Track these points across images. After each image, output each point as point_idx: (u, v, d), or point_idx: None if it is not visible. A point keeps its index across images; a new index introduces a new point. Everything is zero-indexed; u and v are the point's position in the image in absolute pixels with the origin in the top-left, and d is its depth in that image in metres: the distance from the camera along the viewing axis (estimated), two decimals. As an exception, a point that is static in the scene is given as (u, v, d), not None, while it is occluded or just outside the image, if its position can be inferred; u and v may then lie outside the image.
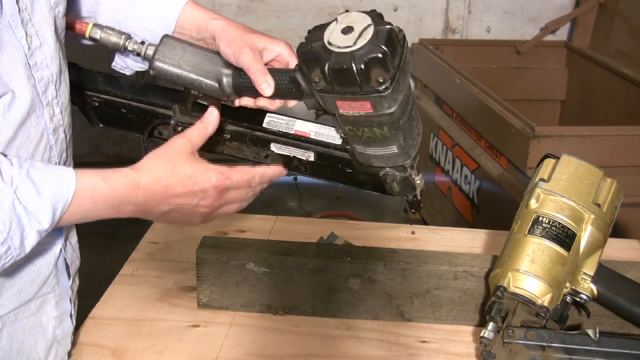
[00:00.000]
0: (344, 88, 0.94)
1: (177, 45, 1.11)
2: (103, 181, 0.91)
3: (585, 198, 1.12)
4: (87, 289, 1.41)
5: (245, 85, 1.08)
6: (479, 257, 1.27)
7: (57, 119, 1.00)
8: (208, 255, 1.25)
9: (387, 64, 0.92)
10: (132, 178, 0.94)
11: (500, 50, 3.72)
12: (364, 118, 0.97)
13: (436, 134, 3.35)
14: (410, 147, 1.05)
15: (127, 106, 1.18)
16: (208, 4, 3.74)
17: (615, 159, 2.51)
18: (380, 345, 1.21)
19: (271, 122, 1.15)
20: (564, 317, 1.10)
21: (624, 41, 3.43)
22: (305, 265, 1.24)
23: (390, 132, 0.99)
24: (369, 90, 0.93)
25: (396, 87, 0.94)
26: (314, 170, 1.17)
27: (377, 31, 0.92)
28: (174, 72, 1.09)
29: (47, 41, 0.96)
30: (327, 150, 1.13)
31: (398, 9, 3.85)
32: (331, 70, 0.92)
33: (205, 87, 1.09)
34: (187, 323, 1.25)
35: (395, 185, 1.11)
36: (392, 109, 0.95)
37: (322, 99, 0.98)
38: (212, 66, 1.10)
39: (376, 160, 1.06)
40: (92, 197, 0.90)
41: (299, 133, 1.14)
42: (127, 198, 0.93)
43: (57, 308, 1.06)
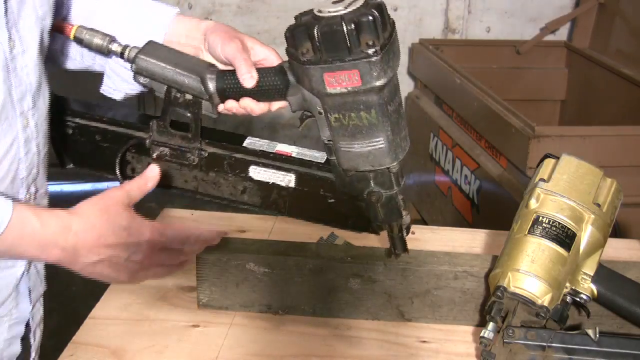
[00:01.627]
0: (333, 54, 0.92)
1: (161, 47, 1.09)
2: (35, 217, 0.88)
3: (585, 198, 1.12)
4: (87, 289, 1.41)
5: (229, 86, 1.06)
6: (479, 257, 1.27)
7: (31, 131, 0.98)
8: (208, 255, 1.25)
9: (377, 30, 0.90)
10: (65, 220, 0.90)
11: (500, 50, 3.72)
12: (351, 96, 0.95)
13: (436, 134, 3.34)
14: (398, 146, 1.02)
15: (102, 132, 1.15)
16: (208, 4, 3.74)
17: (615, 159, 2.51)
18: (380, 345, 1.21)
19: (251, 143, 1.14)
20: (564, 317, 1.10)
21: (624, 41, 3.43)
22: (305, 265, 1.24)
23: (378, 117, 0.96)
24: (358, 54, 0.91)
25: (385, 57, 0.92)
26: (293, 206, 1.15)
27: (367, 3, 0.92)
28: (156, 69, 1.07)
29: (30, 50, 0.95)
30: (308, 171, 1.11)
31: (398, 9, 3.85)
32: (320, 34, 0.91)
33: (187, 84, 1.07)
34: (187, 323, 1.25)
35: (380, 210, 1.08)
36: (381, 81, 0.93)
37: (309, 76, 0.95)
38: (195, 66, 1.08)
39: (362, 162, 1.02)
40: (20, 232, 0.86)
41: (280, 152, 1.12)
42: (55, 240, 0.89)
43: (9, 331, 1.04)
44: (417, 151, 3.57)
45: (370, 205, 1.08)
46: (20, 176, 0.98)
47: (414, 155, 3.69)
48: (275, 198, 1.15)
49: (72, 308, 1.24)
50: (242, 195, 1.15)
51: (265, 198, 1.15)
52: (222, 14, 3.77)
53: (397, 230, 1.12)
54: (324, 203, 1.13)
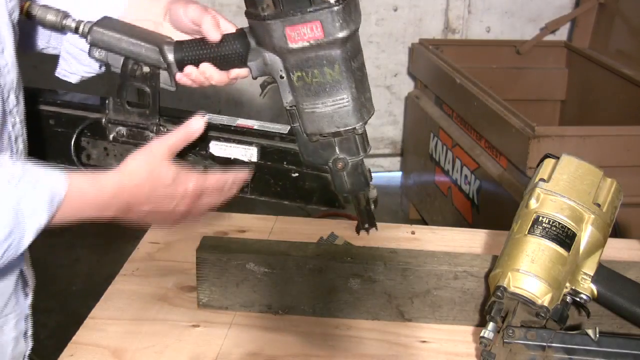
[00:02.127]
0: (293, 6, 0.91)
1: (116, 21, 1.07)
2: (91, 182, 0.93)
3: (585, 198, 1.12)
4: (87, 289, 1.41)
5: (187, 54, 1.04)
6: (479, 257, 1.27)
7: (17, 129, 0.99)
8: (208, 255, 1.25)
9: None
10: (118, 182, 0.96)
11: (500, 50, 3.72)
12: (314, 51, 0.94)
13: (436, 134, 3.34)
14: (363, 105, 1.00)
15: (55, 115, 1.13)
16: (208, 4, 3.74)
17: (615, 159, 2.50)
18: (380, 345, 1.21)
19: (212, 119, 1.12)
20: (564, 317, 1.10)
21: (624, 41, 3.43)
22: (305, 265, 1.24)
23: (342, 73, 0.95)
24: (319, 4, 0.90)
25: (347, 8, 0.91)
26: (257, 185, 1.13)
27: None
28: (112, 40, 1.05)
29: (7, 47, 0.95)
30: (271, 142, 1.09)
31: (398, 9, 3.85)
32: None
33: (144, 53, 1.05)
34: (187, 323, 1.25)
35: (346, 179, 1.06)
36: (344, 32, 0.92)
37: (270, 32, 0.94)
38: (152, 37, 1.06)
39: (326, 123, 1.00)
40: (81, 198, 0.92)
41: (242, 125, 1.11)
42: (112, 200, 0.95)
43: (15, 328, 1.06)
44: (417, 151, 3.57)
45: (336, 174, 1.07)
46: None
47: (414, 155, 3.70)
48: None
49: (72, 308, 1.24)
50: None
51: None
52: (221, 14, 3.77)
53: (365, 202, 1.11)
54: (288, 178, 1.11)
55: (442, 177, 3.33)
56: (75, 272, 2.91)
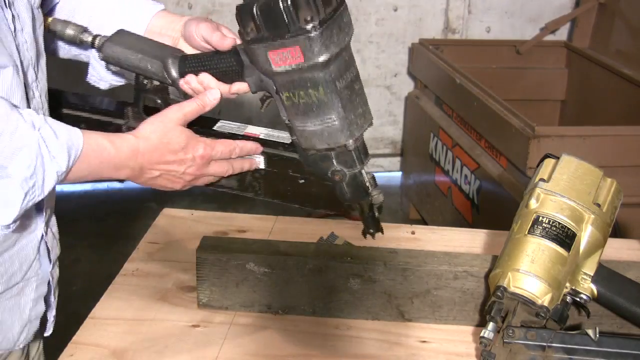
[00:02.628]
0: (273, 32, 0.92)
1: (130, 35, 1.12)
2: (110, 142, 1.01)
3: (585, 198, 1.12)
4: (87, 289, 1.41)
5: (190, 67, 1.08)
6: (479, 257, 1.27)
7: (37, 102, 1.04)
8: (208, 255, 1.25)
9: (317, 5, 0.91)
10: (134, 144, 1.04)
11: (500, 50, 3.72)
12: (297, 74, 0.95)
13: (436, 134, 3.35)
14: (353, 123, 1.01)
15: (85, 120, 1.19)
16: (208, 4, 3.74)
17: (615, 159, 2.50)
18: (380, 345, 1.21)
19: (222, 127, 1.17)
20: (564, 317, 1.10)
21: (624, 41, 3.43)
22: (305, 265, 1.24)
23: (327, 94, 0.96)
24: (296, 30, 0.91)
25: (327, 33, 0.92)
26: (268, 188, 1.16)
27: None
28: (121, 56, 1.10)
29: (26, 27, 1.01)
30: (275, 151, 1.12)
31: (398, 9, 3.85)
32: (259, 11, 0.92)
33: (150, 69, 1.10)
34: (187, 323, 1.25)
35: (346, 189, 1.08)
36: (323, 56, 0.93)
37: (255, 56, 0.96)
38: (159, 51, 1.10)
39: (317, 140, 1.02)
40: (99, 156, 1.00)
41: (249, 134, 1.15)
42: (127, 162, 1.03)
43: (36, 291, 1.11)
44: (417, 151, 3.57)
45: (336, 184, 1.08)
46: None
47: (414, 155, 3.70)
48: (250, 180, 1.17)
49: (72, 308, 1.24)
50: (220, 180, 1.17)
51: (241, 181, 1.18)
52: (222, 14, 3.76)
53: (368, 209, 1.12)
54: (296, 184, 1.14)
55: (442, 177, 3.33)
56: (75, 272, 2.92)
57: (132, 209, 3.40)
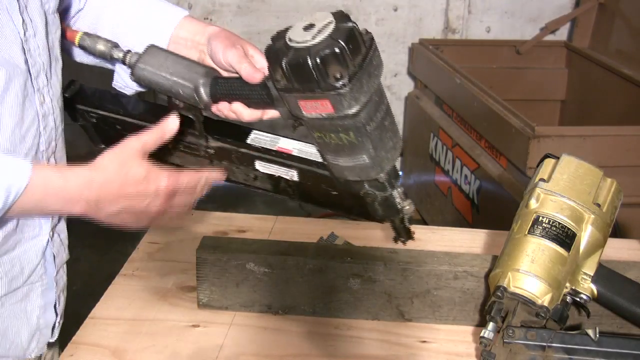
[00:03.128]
0: (303, 85, 0.92)
1: (160, 54, 1.11)
2: (58, 174, 0.94)
3: (585, 198, 1.12)
4: (87, 289, 1.40)
5: (221, 91, 1.07)
6: (479, 257, 1.27)
7: (47, 107, 1.03)
8: (208, 255, 1.25)
9: (346, 60, 0.90)
10: (87, 175, 0.95)
11: (500, 50, 3.72)
12: (327, 121, 0.95)
13: (436, 134, 3.35)
14: (383, 159, 1.01)
15: (121, 122, 1.18)
16: (208, 4, 3.74)
17: (615, 159, 2.51)
18: (380, 345, 1.21)
19: (255, 139, 1.15)
20: (564, 317, 1.10)
21: (624, 41, 3.43)
22: (305, 265, 1.24)
23: (357, 138, 0.96)
24: (326, 86, 0.90)
25: (357, 86, 0.91)
26: (302, 194, 1.16)
27: (337, 27, 0.90)
28: (153, 79, 1.09)
29: (38, 32, 1.00)
30: (309, 168, 1.11)
31: (398, 9, 3.85)
32: (288, 66, 0.91)
33: (182, 93, 1.09)
34: (187, 323, 1.25)
35: (377, 207, 1.09)
36: (354, 109, 0.92)
37: (286, 101, 0.97)
38: (190, 74, 1.09)
39: (349, 173, 1.03)
40: (44, 189, 0.92)
41: (282, 150, 1.13)
42: (79, 194, 0.94)
43: (42, 297, 1.09)
44: (417, 151, 3.57)
45: (368, 203, 1.09)
46: (41, 149, 1.03)
47: (414, 155, 3.70)
48: (285, 186, 1.16)
49: (72, 308, 1.23)
50: (255, 181, 1.18)
51: (275, 185, 1.17)
52: (222, 14, 3.76)
53: (399, 222, 1.12)
54: (329, 194, 1.14)
55: (442, 177, 3.33)
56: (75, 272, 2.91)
57: (132, 209, 3.39)
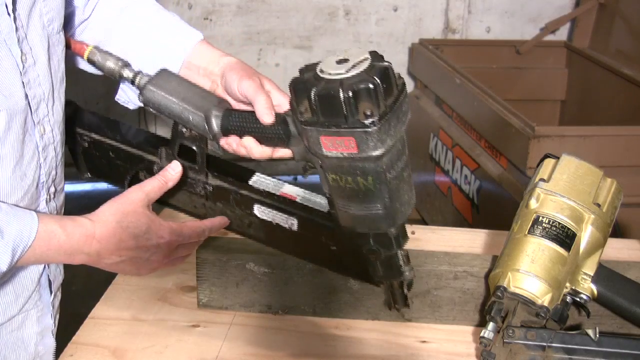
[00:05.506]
0: (329, 119, 0.88)
1: (172, 78, 1.07)
2: (60, 229, 0.92)
3: (585, 198, 1.12)
4: (87, 289, 1.40)
5: (234, 124, 1.03)
6: (479, 257, 1.27)
7: (48, 137, 1.00)
8: (208, 255, 1.25)
9: (378, 98, 0.87)
10: (88, 229, 0.95)
11: (500, 50, 3.72)
12: (348, 162, 0.91)
13: (436, 134, 3.35)
14: (397, 212, 0.98)
15: (115, 149, 1.15)
16: (208, 4, 3.74)
17: (615, 159, 2.51)
18: (380, 345, 1.21)
19: (258, 181, 1.12)
20: (564, 317, 1.10)
21: (624, 41, 3.43)
22: (305, 265, 1.24)
23: (375, 185, 0.93)
24: (354, 122, 0.87)
25: (385, 127, 0.88)
26: (298, 247, 1.13)
27: (372, 65, 0.87)
28: (162, 102, 1.05)
29: (39, 59, 0.96)
30: (311, 217, 1.08)
31: (398, 9, 3.85)
32: (317, 97, 0.87)
33: (192, 121, 1.05)
34: (187, 323, 1.25)
35: (379, 267, 1.06)
36: (378, 151, 0.89)
37: (306, 135, 0.92)
38: (203, 102, 1.05)
39: (358, 224, 0.99)
40: (47, 244, 0.91)
41: (285, 195, 1.10)
42: (80, 248, 0.94)
43: (38, 324, 1.07)
44: (417, 151, 3.57)
45: (369, 261, 1.06)
46: (41, 181, 1.01)
47: (414, 155, 3.69)
48: (280, 237, 1.12)
49: (72, 308, 1.23)
50: (248, 229, 1.14)
51: (269, 235, 1.14)
52: (222, 14, 3.76)
53: (398, 286, 1.10)
54: (327, 250, 1.10)
55: (442, 177, 3.33)
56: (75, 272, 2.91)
57: (132, 209, 3.39)
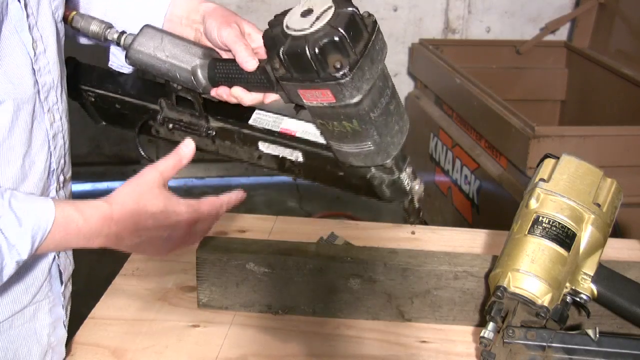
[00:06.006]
0: (302, 75, 0.89)
1: (156, 35, 1.08)
2: (77, 213, 0.91)
3: (585, 198, 1.12)
4: (87, 289, 1.40)
5: (220, 75, 1.04)
6: (479, 257, 1.27)
7: (57, 125, 1.00)
8: (208, 255, 1.25)
9: (347, 49, 0.86)
10: (105, 211, 0.94)
11: (500, 50, 3.72)
12: (329, 109, 0.92)
13: (436, 134, 3.34)
14: (389, 144, 0.99)
15: (120, 101, 1.16)
16: (208, 4, 3.74)
17: (615, 159, 2.51)
18: (380, 345, 1.21)
19: (258, 119, 1.12)
20: (564, 317, 1.10)
21: (624, 41, 3.43)
22: (305, 265, 1.24)
23: (361, 126, 0.93)
24: (326, 76, 0.87)
25: (359, 75, 0.88)
26: (308, 173, 1.13)
27: (337, 14, 0.87)
28: (149, 62, 1.06)
29: (49, 46, 0.96)
30: (313, 149, 1.08)
31: (398, 9, 3.85)
32: (286, 56, 0.88)
33: (179, 77, 1.06)
34: (187, 323, 1.25)
35: (385, 190, 1.06)
36: (356, 98, 0.89)
37: (285, 88, 0.93)
38: (188, 56, 1.06)
39: (354, 159, 1.00)
40: (65, 229, 0.90)
41: (285, 131, 1.10)
42: (99, 230, 0.93)
43: (50, 315, 1.07)
44: (417, 151, 3.57)
45: (375, 186, 1.06)
46: (52, 169, 1.01)
47: (414, 155, 3.69)
48: (290, 166, 1.13)
49: (72, 308, 1.23)
50: (259, 160, 1.14)
51: (280, 165, 1.14)
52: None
53: (408, 203, 1.10)
54: (335, 175, 1.11)
55: (442, 177, 3.33)
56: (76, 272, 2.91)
57: (132, 209, 3.39)
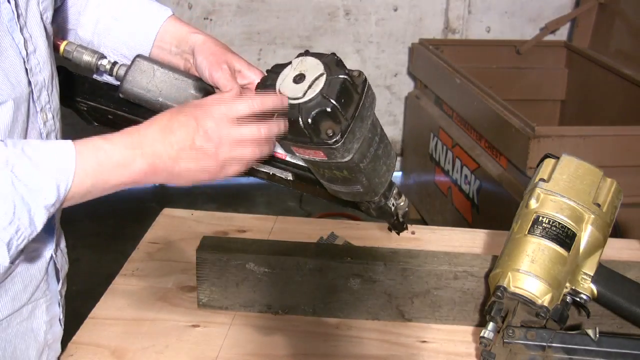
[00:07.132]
0: (295, 137, 0.92)
1: (148, 68, 1.08)
2: (103, 140, 0.87)
3: (585, 198, 1.12)
4: (87, 289, 1.40)
5: None
6: (479, 257, 1.27)
7: (50, 124, 1.00)
8: (208, 255, 1.25)
9: (338, 117, 0.89)
10: (131, 131, 0.90)
11: (500, 50, 3.72)
12: (322, 162, 0.95)
13: (436, 134, 3.35)
14: (377, 185, 1.01)
15: (112, 113, 1.16)
16: (208, 4, 3.74)
17: (615, 159, 2.51)
18: (380, 345, 1.21)
19: None
20: (564, 317, 1.10)
21: (624, 41, 3.43)
22: (305, 265, 1.24)
23: (351, 174, 0.96)
24: (319, 142, 0.90)
25: (350, 137, 0.91)
26: (298, 188, 1.15)
27: (329, 82, 0.89)
28: (142, 97, 1.08)
29: (39, 46, 0.96)
30: (303, 173, 1.10)
31: (398, 9, 3.85)
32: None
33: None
34: (187, 323, 1.25)
35: (372, 212, 1.09)
36: (347, 158, 0.92)
37: (279, 142, 0.96)
38: (179, 93, 1.08)
39: (343, 195, 1.04)
40: (96, 158, 0.86)
41: (276, 154, 1.10)
42: (130, 151, 0.88)
43: (47, 313, 1.07)
44: (417, 151, 3.57)
45: (362, 209, 1.10)
46: None
47: (414, 155, 3.70)
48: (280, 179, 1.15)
49: (72, 308, 1.23)
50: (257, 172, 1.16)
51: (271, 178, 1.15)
52: (222, 14, 3.76)
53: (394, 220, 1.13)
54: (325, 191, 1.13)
55: (442, 177, 3.33)
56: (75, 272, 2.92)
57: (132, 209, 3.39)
